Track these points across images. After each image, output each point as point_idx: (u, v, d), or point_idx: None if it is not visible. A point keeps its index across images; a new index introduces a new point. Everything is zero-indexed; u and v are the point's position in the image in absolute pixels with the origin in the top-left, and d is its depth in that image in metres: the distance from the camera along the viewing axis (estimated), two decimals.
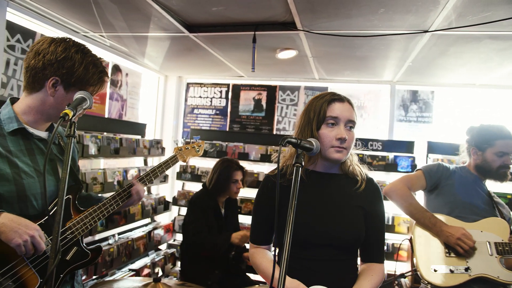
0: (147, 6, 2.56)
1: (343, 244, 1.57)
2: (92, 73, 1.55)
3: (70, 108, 1.30)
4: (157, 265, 3.81)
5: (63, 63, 1.50)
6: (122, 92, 4.20)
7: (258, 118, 4.87)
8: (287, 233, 1.21)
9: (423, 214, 2.37)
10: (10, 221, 1.34)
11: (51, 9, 2.84)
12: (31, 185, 1.48)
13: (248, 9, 2.62)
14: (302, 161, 1.32)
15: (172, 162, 2.12)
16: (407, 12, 2.39)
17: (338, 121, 1.56)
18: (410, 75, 4.10)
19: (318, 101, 1.61)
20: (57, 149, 1.66)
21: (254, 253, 1.68)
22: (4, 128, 1.48)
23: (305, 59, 3.69)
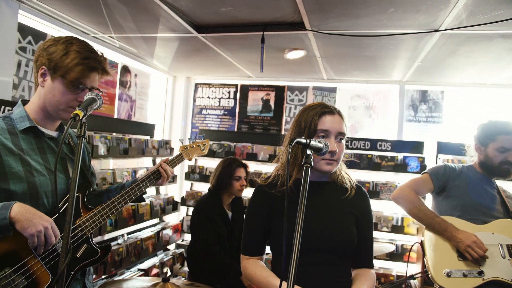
0: (156, 7, 2.58)
1: (337, 249, 1.59)
2: (72, 59, 1.51)
3: (80, 108, 1.30)
4: (166, 265, 3.82)
5: (48, 51, 1.53)
6: (131, 93, 4.22)
7: (266, 119, 4.87)
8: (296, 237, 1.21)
9: (432, 220, 2.34)
10: (26, 210, 1.36)
11: (62, 11, 2.87)
12: (42, 183, 1.50)
13: (256, 10, 2.62)
14: (311, 162, 1.32)
15: (178, 161, 2.14)
16: (417, 11, 2.37)
17: (328, 134, 1.59)
18: (420, 75, 4.06)
19: (309, 113, 1.63)
20: (67, 149, 1.69)
21: (248, 264, 1.67)
22: (16, 127, 1.52)
23: (314, 59, 3.68)
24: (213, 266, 2.99)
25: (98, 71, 1.59)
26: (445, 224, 2.30)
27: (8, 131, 1.50)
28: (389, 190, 4.04)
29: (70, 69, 1.51)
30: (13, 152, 1.46)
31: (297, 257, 1.18)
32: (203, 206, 3.15)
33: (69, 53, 1.52)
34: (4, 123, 1.51)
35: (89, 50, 1.57)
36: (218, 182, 3.17)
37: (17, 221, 1.33)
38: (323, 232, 1.58)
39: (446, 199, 2.48)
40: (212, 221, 3.05)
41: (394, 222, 3.98)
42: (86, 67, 1.53)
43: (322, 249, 1.58)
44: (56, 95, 1.53)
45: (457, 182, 2.45)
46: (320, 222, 1.60)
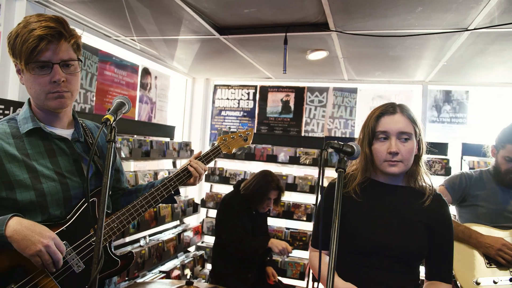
0: (179, 9, 2.57)
1: (401, 256, 1.54)
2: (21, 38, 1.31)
3: (110, 113, 1.27)
4: (187, 267, 3.82)
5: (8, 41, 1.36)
6: (152, 95, 4.24)
7: (286, 120, 4.83)
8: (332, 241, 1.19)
9: (455, 229, 2.25)
10: (24, 227, 1.23)
11: (86, 15, 2.89)
12: (51, 190, 1.37)
13: (280, 11, 2.58)
14: (345, 166, 1.31)
15: (214, 154, 1.84)
16: (447, 10, 2.30)
17: (388, 135, 1.56)
18: (444, 75, 3.97)
19: (371, 116, 1.64)
20: (82, 147, 1.52)
21: (312, 256, 1.78)
22: (20, 129, 1.39)
23: (336, 60, 3.63)
24: (238, 250, 2.98)
25: (54, 39, 1.32)
26: (469, 231, 2.23)
27: (12, 135, 1.38)
28: None
29: (21, 50, 1.30)
30: (16, 158, 1.34)
31: (334, 262, 1.15)
32: (230, 199, 3.20)
33: (19, 33, 1.31)
34: (8, 126, 1.39)
35: (37, 20, 1.33)
36: (251, 194, 3.14)
37: (14, 241, 1.21)
38: (386, 237, 1.55)
39: (468, 209, 2.40)
40: (237, 212, 3.08)
41: None
42: (34, 38, 1.28)
43: (385, 254, 1.55)
44: (31, 86, 1.36)
45: (477, 190, 2.36)
46: (385, 228, 1.57)
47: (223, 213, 3.15)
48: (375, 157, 1.59)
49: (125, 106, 1.37)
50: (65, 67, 1.37)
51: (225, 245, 3.03)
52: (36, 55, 1.30)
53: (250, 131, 2.03)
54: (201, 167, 1.73)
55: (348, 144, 1.37)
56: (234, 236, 2.97)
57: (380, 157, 1.57)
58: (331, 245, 1.18)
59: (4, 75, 2.58)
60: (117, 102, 1.36)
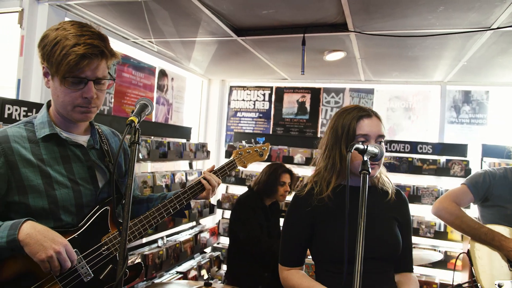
0: (198, 11, 2.58)
1: (385, 256, 1.57)
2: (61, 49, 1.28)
3: (135, 115, 1.28)
4: (203, 268, 3.83)
5: (42, 43, 1.32)
6: (168, 96, 4.27)
7: (302, 121, 4.81)
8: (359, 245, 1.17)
9: (477, 231, 2.22)
10: (37, 232, 1.22)
11: (105, 18, 2.93)
12: (64, 197, 1.36)
13: (298, 12, 2.58)
14: (369, 168, 1.28)
15: (229, 169, 1.84)
16: (469, 9, 2.26)
17: (368, 138, 1.54)
18: (463, 75, 3.91)
19: (345, 117, 1.57)
20: (97, 154, 1.51)
21: (290, 275, 1.62)
22: (36, 134, 1.38)
23: (353, 60, 3.60)
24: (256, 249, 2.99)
25: (95, 57, 1.31)
26: (492, 234, 2.18)
27: (28, 139, 1.36)
28: (431, 195, 3.89)
29: (60, 63, 1.28)
30: (31, 163, 1.33)
31: (361, 267, 1.15)
32: (246, 199, 3.22)
33: (58, 43, 1.28)
34: (25, 129, 1.38)
35: (80, 34, 1.30)
36: (263, 186, 3.19)
37: (26, 245, 1.20)
38: (371, 240, 1.51)
39: (491, 209, 2.35)
40: (254, 212, 3.10)
41: (437, 228, 3.83)
42: (76, 56, 1.27)
43: (370, 257, 1.51)
44: (59, 95, 1.35)
45: (501, 189, 2.30)
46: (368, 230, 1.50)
47: (240, 212, 3.16)
48: (353, 161, 1.52)
49: (148, 107, 1.38)
50: (97, 84, 1.37)
51: (243, 245, 3.04)
52: (75, 72, 1.30)
53: (266, 147, 2.03)
54: (214, 180, 1.71)
55: (372, 145, 1.36)
56: (252, 235, 2.97)
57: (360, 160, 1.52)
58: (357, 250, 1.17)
59: (27, 78, 2.63)
60: (141, 104, 1.36)
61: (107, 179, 1.52)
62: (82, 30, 1.32)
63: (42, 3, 2.64)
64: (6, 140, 1.33)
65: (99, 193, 1.48)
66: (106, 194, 1.51)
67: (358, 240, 1.18)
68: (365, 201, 1.24)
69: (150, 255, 3.08)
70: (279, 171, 3.20)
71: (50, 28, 1.34)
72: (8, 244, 1.20)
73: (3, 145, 1.31)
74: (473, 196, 2.35)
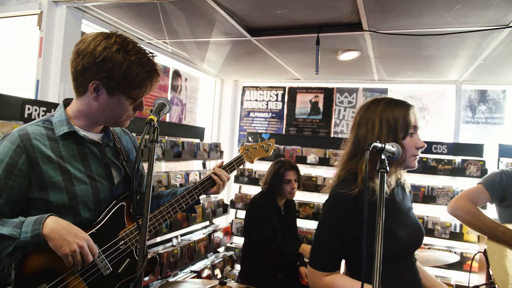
0: (213, 11, 2.60)
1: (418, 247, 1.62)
2: (136, 75, 1.38)
3: (154, 114, 1.30)
4: (217, 267, 3.85)
5: (102, 65, 1.34)
6: (182, 96, 4.30)
7: (315, 121, 4.80)
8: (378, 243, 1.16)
9: (495, 230, 2.19)
10: (60, 227, 1.28)
11: (121, 19, 2.97)
12: (83, 192, 1.41)
13: (312, 11, 2.58)
14: (387, 167, 1.26)
15: (237, 164, 1.92)
16: (487, 6, 2.23)
17: (416, 130, 1.57)
18: (479, 74, 3.85)
19: (395, 109, 1.55)
20: (112, 152, 1.56)
21: (336, 280, 1.48)
22: (55, 132, 1.42)
23: (367, 60, 3.58)
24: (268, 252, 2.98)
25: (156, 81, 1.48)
26: (510, 233, 2.16)
27: (48, 136, 1.40)
28: (446, 195, 3.85)
29: (136, 86, 1.40)
30: (52, 160, 1.37)
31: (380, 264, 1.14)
32: (259, 200, 3.22)
33: (130, 67, 1.37)
34: (44, 127, 1.41)
35: (147, 57, 1.42)
36: (270, 184, 3.19)
37: (50, 239, 1.25)
38: (417, 234, 1.58)
39: (509, 208, 2.32)
40: (267, 213, 3.10)
41: (452, 229, 3.78)
42: (150, 80, 1.42)
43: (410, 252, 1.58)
44: (115, 109, 1.43)
45: None
46: (413, 222, 1.60)
47: (253, 214, 3.16)
48: (405, 152, 1.52)
49: (166, 106, 1.40)
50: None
51: (256, 246, 3.04)
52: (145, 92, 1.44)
53: (272, 142, 2.13)
54: (224, 175, 1.78)
55: (389, 143, 1.35)
56: (265, 236, 2.97)
57: (411, 152, 1.55)
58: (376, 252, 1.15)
59: (45, 79, 2.67)
60: (159, 103, 1.39)
61: (122, 175, 1.57)
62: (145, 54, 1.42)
63: (60, 6, 2.68)
64: (27, 138, 1.35)
65: (114, 189, 1.52)
66: (121, 191, 1.56)
67: (377, 238, 1.16)
68: (383, 200, 1.22)
69: (165, 254, 3.11)
70: (282, 170, 3.17)
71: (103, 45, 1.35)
72: (32, 239, 1.24)
73: (25, 143, 1.34)
74: (490, 196, 2.32)
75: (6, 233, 1.24)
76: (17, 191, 1.32)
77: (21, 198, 1.34)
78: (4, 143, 1.34)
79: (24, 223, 1.27)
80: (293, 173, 3.21)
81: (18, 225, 1.26)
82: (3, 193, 1.30)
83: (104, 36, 1.38)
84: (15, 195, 1.32)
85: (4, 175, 1.30)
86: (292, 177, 3.19)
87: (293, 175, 3.21)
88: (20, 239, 1.24)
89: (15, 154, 1.32)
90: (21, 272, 1.33)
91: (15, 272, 1.33)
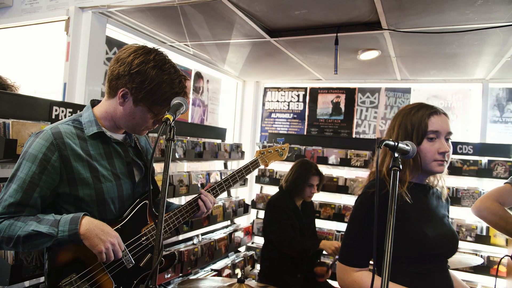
0: (232, 13, 2.64)
1: (453, 253, 1.61)
2: (163, 93, 1.48)
3: (170, 113, 1.34)
4: (237, 266, 3.88)
5: (135, 77, 1.46)
6: (204, 98, 4.37)
7: (336, 122, 4.78)
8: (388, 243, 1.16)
9: None
10: (94, 227, 1.38)
11: (143, 23, 3.06)
12: (109, 189, 1.50)
13: (331, 11, 2.58)
14: (399, 165, 1.26)
15: (253, 167, 2.05)
16: (510, 1, 2.18)
17: (439, 135, 1.57)
18: (507, 71, 3.73)
19: (414, 114, 1.60)
20: (133, 152, 1.66)
21: (364, 277, 1.54)
22: (85, 132, 1.51)
23: (388, 59, 3.54)
24: (289, 250, 3.00)
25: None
26: None
27: (77, 136, 1.49)
28: (471, 197, 3.74)
29: (160, 104, 1.50)
30: (81, 158, 1.46)
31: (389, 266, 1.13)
32: (277, 201, 3.24)
33: (160, 85, 1.47)
34: (73, 127, 1.51)
35: (180, 79, 1.53)
36: (291, 184, 3.20)
37: (86, 238, 1.36)
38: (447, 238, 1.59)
39: None
40: (286, 213, 3.11)
41: (478, 232, 3.68)
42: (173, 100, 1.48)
43: (444, 255, 1.60)
44: (136, 118, 1.53)
45: None
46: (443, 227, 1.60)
47: (272, 214, 3.18)
48: (424, 157, 1.57)
49: (183, 106, 1.43)
50: None
51: (276, 245, 3.06)
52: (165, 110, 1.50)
53: (286, 147, 2.25)
54: (210, 201, 1.77)
55: (403, 142, 1.35)
56: (285, 235, 2.99)
57: (431, 156, 1.56)
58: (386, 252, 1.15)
59: (72, 82, 2.78)
60: (175, 104, 1.42)
61: (142, 174, 1.66)
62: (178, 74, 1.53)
63: (86, 11, 2.79)
64: (60, 136, 1.45)
65: (135, 187, 1.62)
66: (141, 189, 1.65)
67: (387, 239, 1.17)
68: (395, 198, 1.22)
69: (186, 252, 3.17)
70: (308, 173, 3.18)
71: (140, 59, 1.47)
72: (70, 237, 1.36)
73: (58, 141, 1.43)
74: None
75: (44, 231, 1.35)
76: (49, 185, 1.42)
77: (52, 192, 1.44)
78: (38, 140, 1.43)
79: (61, 222, 1.37)
80: (317, 178, 3.24)
81: (55, 223, 1.36)
82: (37, 187, 1.39)
83: (145, 51, 1.50)
84: (47, 190, 1.42)
85: (38, 170, 1.39)
86: (316, 182, 3.22)
87: (317, 180, 3.24)
88: (57, 237, 1.35)
89: (49, 150, 1.41)
90: (54, 263, 1.44)
91: (49, 262, 1.44)
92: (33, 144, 1.42)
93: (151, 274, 1.25)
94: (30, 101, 2.18)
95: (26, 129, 2.07)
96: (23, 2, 3.01)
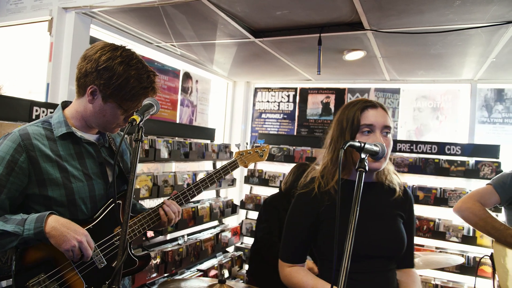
0: (213, 14, 2.64)
1: (390, 254, 1.55)
2: (132, 88, 1.48)
3: (138, 114, 1.33)
4: (224, 267, 3.88)
5: (103, 73, 1.46)
6: (193, 98, 4.37)
7: (326, 122, 4.77)
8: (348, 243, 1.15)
9: (503, 232, 2.13)
10: (60, 225, 1.37)
11: (128, 23, 3.06)
12: (79, 189, 1.49)
13: (312, 11, 2.58)
14: (366, 166, 1.25)
15: (231, 168, 2.00)
16: (488, 2, 2.18)
17: (373, 129, 1.51)
18: (495, 72, 3.74)
19: (350, 109, 1.56)
20: (107, 152, 1.65)
21: (293, 272, 1.61)
22: (54, 133, 1.51)
23: (374, 59, 3.54)
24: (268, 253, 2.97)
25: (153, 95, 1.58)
26: None
27: (47, 137, 1.49)
28: (458, 197, 3.74)
29: (129, 99, 1.50)
30: (50, 158, 1.45)
31: (348, 264, 1.13)
32: (272, 200, 3.23)
33: (128, 80, 1.48)
34: (43, 128, 1.50)
35: (148, 74, 1.53)
36: (290, 186, 3.18)
37: (52, 236, 1.35)
38: (378, 237, 1.53)
39: None
40: (278, 213, 3.10)
41: (465, 232, 3.68)
42: (144, 96, 1.51)
43: (377, 255, 1.53)
44: (107, 116, 1.52)
45: None
46: (372, 227, 1.54)
47: (263, 212, 3.18)
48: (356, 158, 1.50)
49: (153, 107, 1.43)
50: None
51: (257, 243, 3.05)
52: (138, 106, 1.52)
53: (266, 148, 2.21)
54: (173, 211, 1.68)
55: (371, 144, 1.32)
56: (268, 237, 2.98)
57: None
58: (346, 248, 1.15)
59: (55, 82, 2.78)
60: (146, 104, 1.42)
61: (116, 175, 1.66)
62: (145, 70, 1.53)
63: (69, 12, 2.79)
64: (28, 137, 1.45)
65: (109, 187, 1.61)
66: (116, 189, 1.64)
67: (348, 238, 1.16)
68: (359, 198, 1.22)
69: (170, 252, 3.16)
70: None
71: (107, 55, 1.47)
72: (35, 235, 1.35)
73: (25, 142, 1.43)
74: (499, 197, 2.25)
75: (10, 230, 1.34)
76: (18, 187, 1.41)
77: (20, 194, 1.43)
78: (6, 142, 1.43)
79: (27, 221, 1.36)
80: None
81: (21, 222, 1.36)
82: (4, 189, 1.39)
83: (112, 48, 1.50)
84: (15, 191, 1.41)
85: (5, 172, 1.39)
86: None
87: None
88: (23, 235, 1.34)
89: (16, 152, 1.41)
90: (21, 263, 1.43)
91: (16, 263, 1.43)
92: (1, 146, 1.42)
93: (114, 274, 1.25)
94: (10, 101, 2.18)
95: (3, 129, 2.07)
96: (8, 2, 3.00)
